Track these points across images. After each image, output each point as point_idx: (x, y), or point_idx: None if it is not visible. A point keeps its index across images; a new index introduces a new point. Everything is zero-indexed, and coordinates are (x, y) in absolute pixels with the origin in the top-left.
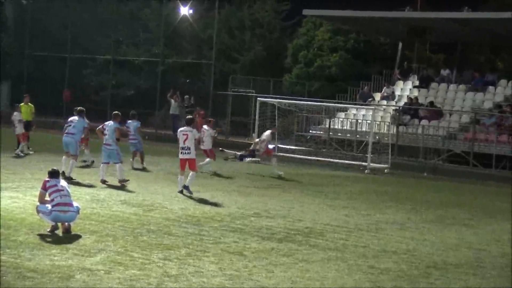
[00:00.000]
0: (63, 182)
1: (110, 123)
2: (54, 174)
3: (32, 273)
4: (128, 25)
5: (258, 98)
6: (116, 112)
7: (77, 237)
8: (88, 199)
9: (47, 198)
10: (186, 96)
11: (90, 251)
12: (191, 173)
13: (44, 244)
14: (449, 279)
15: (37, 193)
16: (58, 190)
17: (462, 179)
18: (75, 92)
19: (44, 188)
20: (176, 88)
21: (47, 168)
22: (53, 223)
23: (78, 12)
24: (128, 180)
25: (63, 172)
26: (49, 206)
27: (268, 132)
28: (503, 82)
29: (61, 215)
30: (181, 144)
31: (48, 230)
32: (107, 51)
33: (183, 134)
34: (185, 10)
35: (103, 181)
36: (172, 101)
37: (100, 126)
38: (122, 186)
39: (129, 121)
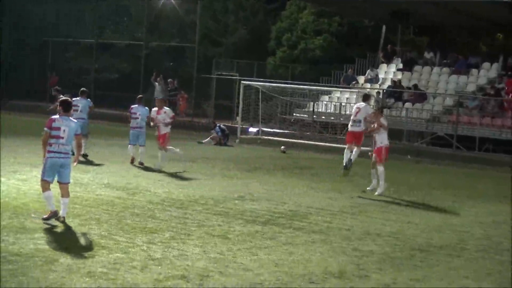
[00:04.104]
0: (68, 125)
1: (140, 107)
2: (66, 106)
3: (15, 256)
4: (111, 8)
5: (242, 81)
6: (141, 95)
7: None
8: (72, 182)
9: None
10: (170, 80)
11: (74, 235)
12: (355, 148)
13: (27, 228)
14: (433, 261)
15: (21, 176)
16: (59, 137)
17: (445, 162)
18: (59, 76)
19: (49, 127)
20: (160, 72)
21: (30, 151)
22: (54, 209)
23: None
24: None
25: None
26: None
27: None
28: (486, 65)
29: (57, 160)
30: (352, 117)
31: (45, 216)
32: (91, 35)
33: (356, 108)
34: None
35: (133, 161)
36: (156, 84)
37: (128, 112)
38: (139, 166)
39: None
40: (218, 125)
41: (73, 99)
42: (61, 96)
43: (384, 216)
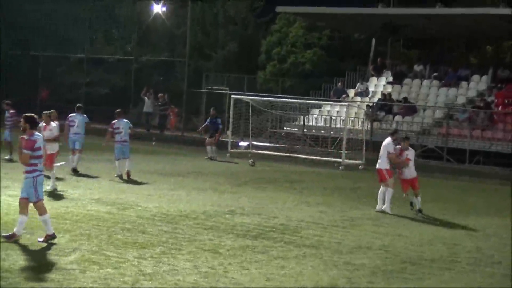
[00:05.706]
0: (42, 142)
1: (122, 121)
2: (34, 123)
3: (6, 273)
4: (101, 23)
5: (232, 96)
6: (119, 110)
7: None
8: (62, 198)
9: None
10: (160, 94)
11: (65, 251)
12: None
13: (18, 244)
14: (424, 274)
15: (12, 192)
16: (41, 157)
17: (436, 174)
18: (50, 90)
19: (32, 149)
20: (150, 86)
21: (19, 167)
22: (52, 232)
23: (52, 10)
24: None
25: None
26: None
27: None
28: (475, 77)
29: (42, 178)
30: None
31: (41, 239)
32: (81, 49)
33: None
34: (158, 8)
35: (121, 176)
36: (146, 99)
37: (110, 128)
38: (127, 179)
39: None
40: (218, 118)
41: (70, 114)
42: (12, 110)
43: (375, 229)
